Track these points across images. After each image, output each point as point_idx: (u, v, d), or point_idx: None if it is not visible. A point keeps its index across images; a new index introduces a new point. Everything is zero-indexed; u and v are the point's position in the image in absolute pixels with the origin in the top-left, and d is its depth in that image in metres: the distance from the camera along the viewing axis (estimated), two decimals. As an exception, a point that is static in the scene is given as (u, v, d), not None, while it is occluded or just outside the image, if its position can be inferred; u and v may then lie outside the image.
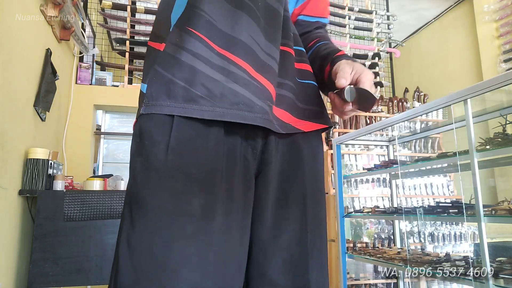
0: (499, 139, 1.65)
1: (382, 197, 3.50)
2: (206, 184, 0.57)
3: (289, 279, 0.70)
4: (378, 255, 2.36)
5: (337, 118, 3.70)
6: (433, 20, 4.59)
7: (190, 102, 0.61)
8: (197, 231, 0.59)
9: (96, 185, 2.41)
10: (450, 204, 1.97)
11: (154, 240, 0.58)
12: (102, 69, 3.69)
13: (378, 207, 2.70)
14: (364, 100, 0.64)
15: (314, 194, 0.74)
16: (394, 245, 2.81)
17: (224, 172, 0.63)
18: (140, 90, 0.69)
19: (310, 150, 0.77)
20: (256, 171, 0.70)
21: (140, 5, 3.60)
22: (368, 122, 3.78)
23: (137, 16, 3.72)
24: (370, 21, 4.17)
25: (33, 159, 2.22)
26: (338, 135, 3.45)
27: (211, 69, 0.62)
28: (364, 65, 4.06)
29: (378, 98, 3.97)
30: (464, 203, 1.75)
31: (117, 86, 3.51)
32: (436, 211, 1.94)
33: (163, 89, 0.63)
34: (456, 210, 1.81)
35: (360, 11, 4.15)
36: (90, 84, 3.42)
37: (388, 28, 4.25)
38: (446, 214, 1.88)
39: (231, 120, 0.62)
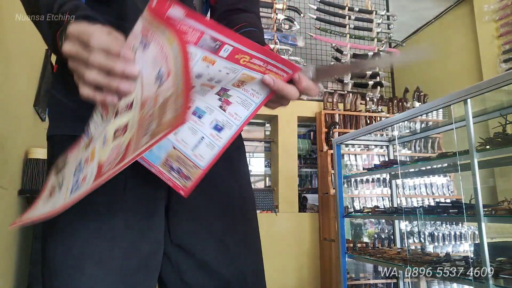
0: (499, 139, 1.65)
1: (382, 197, 3.50)
2: (109, 184, 0.55)
3: (225, 266, 0.72)
4: (378, 255, 2.36)
5: (337, 118, 3.70)
6: (433, 20, 4.59)
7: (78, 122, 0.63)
8: (99, 228, 0.63)
9: (96, 185, 2.41)
10: (450, 204, 1.98)
11: (61, 239, 0.63)
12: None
13: (378, 207, 2.70)
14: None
15: (241, 194, 0.75)
16: (394, 245, 2.81)
17: (128, 172, 0.62)
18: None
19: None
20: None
21: (140, 5, 3.60)
22: (368, 122, 3.79)
23: (137, 16, 3.72)
24: (370, 21, 4.17)
25: (33, 159, 2.22)
26: (338, 135, 3.45)
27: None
28: (364, 65, 4.07)
29: (378, 97, 3.97)
30: (464, 203, 1.75)
31: (117, 86, 3.51)
32: (436, 211, 1.94)
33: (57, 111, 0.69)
34: (456, 210, 1.81)
35: (360, 11, 4.15)
36: (90, 84, 3.43)
37: (388, 28, 4.25)
38: (446, 214, 1.88)
39: None
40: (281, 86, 0.57)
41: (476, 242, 1.90)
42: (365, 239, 3.30)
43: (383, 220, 3.36)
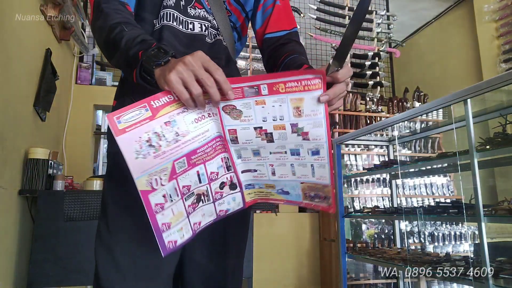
0: (499, 139, 1.65)
1: (382, 197, 3.50)
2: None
3: (211, 263, 0.90)
4: (378, 255, 2.36)
5: (337, 118, 3.70)
6: (433, 20, 4.59)
7: None
8: (137, 221, 0.79)
9: (96, 185, 2.41)
10: (450, 204, 1.97)
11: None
12: (102, 69, 3.69)
13: (378, 207, 2.70)
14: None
15: None
16: (394, 245, 2.81)
17: None
18: None
19: None
20: None
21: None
22: (368, 122, 3.78)
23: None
24: (370, 21, 4.17)
25: (33, 159, 2.21)
26: (338, 135, 3.45)
27: None
28: (364, 65, 4.08)
29: (378, 97, 3.97)
30: (464, 203, 1.75)
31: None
32: (436, 211, 1.94)
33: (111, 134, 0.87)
34: (456, 210, 1.81)
35: (360, 11, 4.15)
36: (90, 84, 3.43)
37: (388, 28, 4.25)
38: (446, 214, 1.88)
39: None
40: (332, 93, 0.66)
41: (476, 242, 1.90)
42: (365, 239, 3.30)
43: (383, 220, 3.35)
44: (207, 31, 0.92)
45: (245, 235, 1.00)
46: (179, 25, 0.89)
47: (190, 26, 0.90)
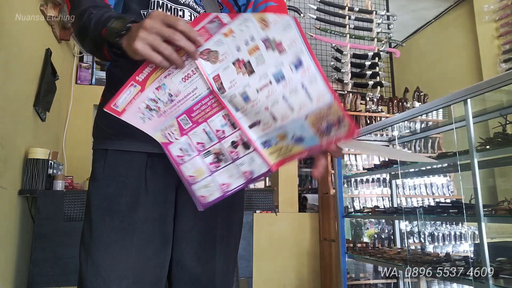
0: (499, 139, 1.65)
1: (382, 197, 3.50)
2: (131, 187, 0.74)
3: (199, 265, 0.89)
4: (378, 255, 2.36)
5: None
6: (433, 20, 4.59)
7: (125, 139, 0.84)
8: (122, 222, 0.81)
9: (96, 185, 2.41)
10: (450, 204, 1.97)
11: (93, 232, 0.82)
12: (102, 69, 3.69)
13: (378, 207, 2.70)
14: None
15: (227, 200, 0.82)
16: (394, 245, 2.81)
17: (148, 179, 0.84)
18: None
19: None
20: (177, 182, 0.87)
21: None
22: (368, 122, 3.78)
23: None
24: (370, 21, 4.17)
25: (33, 159, 2.22)
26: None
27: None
28: (364, 65, 4.08)
29: (378, 97, 3.97)
30: (464, 203, 1.75)
31: (117, 86, 3.51)
32: (436, 211, 1.94)
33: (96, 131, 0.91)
34: (456, 210, 1.81)
35: (360, 11, 4.15)
36: (90, 84, 3.43)
37: (388, 28, 4.25)
38: (446, 214, 1.88)
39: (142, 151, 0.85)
40: (321, 168, 0.73)
41: (476, 242, 1.90)
42: (365, 239, 3.30)
43: (383, 220, 3.35)
44: None
45: (237, 238, 0.98)
46: (167, 12, 0.85)
47: (180, 13, 0.88)
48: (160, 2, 0.86)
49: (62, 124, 3.12)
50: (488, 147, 1.64)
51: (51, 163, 2.33)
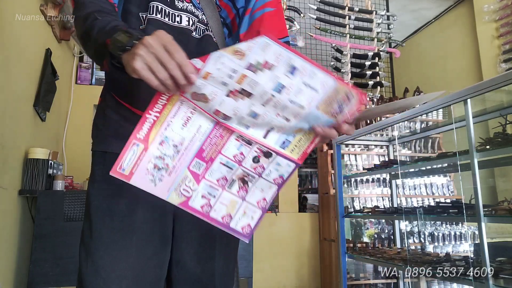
0: (499, 139, 1.65)
1: (382, 197, 3.50)
2: (131, 188, 0.70)
3: (199, 265, 0.89)
4: (378, 255, 2.36)
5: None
6: (433, 20, 4.58)
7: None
8: (122, 222, 0.81)
9: (96, 185, 2.41)
10: (450, 204, 1.98)
11: (93, 232, 0.82)
12: (102, 69, 3.69)
13: (378, 207, 2.70)
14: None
15: None
16: (394, 245, 2.81)
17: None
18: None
19: None
20: None
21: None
22: (368, 122, 3.78)
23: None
24: (370, 21, 4.17)
25: (33, 159, 2.22)
26: (338, 135, 3.44)
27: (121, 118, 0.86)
28: (364, 65, 4.08)
29: (378, 97, 3.97)
30: (464, 203, 1.75)
31: (117, 86, 3.51)
32: (436, 211, 1.94)
33: (95, 132, 0.91)
34: (456, 210, 1.81)
35: (360, 11, 4.15)
36: (90, 84, 3.42)
37: (388, 28, 4.25)
38: (446, 214, 1.88)
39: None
40: (328, 134, 0.72)
41: (476, 242, 1.90)
42: (365, 239, 3.30)
43: (383, 220, 3.35)
44: (194, 26, 0.89)
45: (237, 238, 0.97)
46: (164, 18, 0.86)
47: (178, 19, 0.88)
48: (159, 7, 0.86)
49: (62, 124, 3.12)
50: (488, 147, 1.64)
51: (51, 163, 2.33)
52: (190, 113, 0.68)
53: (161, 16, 0.86)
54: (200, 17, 0.91)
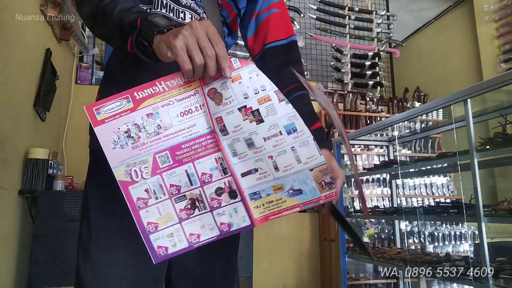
0: (499, 139, 1.65)
1: (382, 197, 3.50)
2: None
3: (199, 265, 0.88)
4: (378, 255, 2.36)
5: (337, 118, 3.69)
6: (433, 20, 4.59)
7: None
8: (120, 222, 0.79)
9: (96, 185, 2.41)
10: (450, 204, 1.98)
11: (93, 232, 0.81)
12: (102, 69, 3.69)
13: (378, 207, 2.71)
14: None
15: None
16: (394, 245, 2.81)
17: None
18: None
19: None
20: None
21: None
22: (368, 122, 3.78)
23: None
24: (370, 21, 4.17)
25: (33, 159, 2.21)
26: (338, 135, 3.45)
27: None
28: (364, 65, 4.07)
29: (378, 97, 3.97)
30: (464, 203, 1.75)
31: (117, 86, 3.51)
32: (436, 211, 1.94)
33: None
34: (456, 210, 1.81)
35: (360, 11, 4.15)
36: (90, 84, 3.43)
37: (388, 28, 4.25)
38: (446, 214, 1.88)
39: None
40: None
41: (476, 242, 1.90)
42: (365, 239, 3.30)
43: (383, 220, 3.35)
44: None
45: (237, 238, 0.97)
46: (169, 13, 0.86)
47: (182, 15, 0.87)
48: (164, 1, 0.86)
49: (62, 124, 3.12)
50: (488, 147, 1.64)
51: (51, 163, 2.33)
52: (195, 107, 0.65)
53: (166, 11, 0.85)
54: (201, 15, 0.91)
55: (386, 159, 2.89)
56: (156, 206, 0.66)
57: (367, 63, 4.08)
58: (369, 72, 4.05)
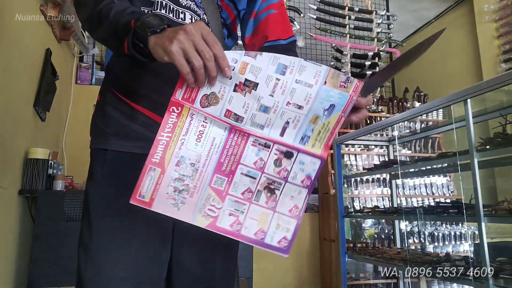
0: (499, 139, 1.65)
1: (382, 197, 3.50)
2: (131, 188, 0.68)
3: (199, 265, 0.88)
4: (378, 255, 2.36)
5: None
6: (433, 20, 4.58)
7: (123, 140, 0.85)
8: (121, 222, 0.80)
9: (96, 185, 2.41)
10: (450, 204, 1.98)
11: (94, 229, 0.81)
12: (102, 69, 3.69)
13: (378, 207, 2.71)
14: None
15: None
16: (394, 245, 2.81)
17: None
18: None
19: None
20: None
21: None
22: (368, 122, 3.78)
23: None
24: (370, 21, 4.17)
25: (33, 159, 2.21)
26: (338, 135, 3.45)
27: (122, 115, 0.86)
28: (364, 65, 4.07)
29: (378, 97, 3.97)
30: (464, 203, 1.75)
31: (117, 86, 3.51)
32: (436, 211, 1.94)
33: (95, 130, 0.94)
34: (456, 210, 1.81)
35: (360, 11, 4.15)
36: (90, 84, 3.43)
37: (388, 28, 4.25)
38: (446, 214, 1.88)
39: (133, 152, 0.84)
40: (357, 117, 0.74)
41: (476, 242, 1.90)
42: (365, 239, 3.30)
43: (383, 220, 3.35)
44: None
45: None
46: (169, 14, 0.86)
47: (181, 16, 0.88)
48: (164, 2, 0.86)
49: (62, 124, 3.12)
50: (488, 147, 1.64)
51: (51, 163, 2.33)
52: (201, 126, 0.65)
53: (166, 12, 0.86)
54: (201, 17, 0.91)
55: (386, 159, 2.89)
56: (247, 217, 0.68)
57: (367, 63, 4.07)
58: (369, 72, 4.05)
